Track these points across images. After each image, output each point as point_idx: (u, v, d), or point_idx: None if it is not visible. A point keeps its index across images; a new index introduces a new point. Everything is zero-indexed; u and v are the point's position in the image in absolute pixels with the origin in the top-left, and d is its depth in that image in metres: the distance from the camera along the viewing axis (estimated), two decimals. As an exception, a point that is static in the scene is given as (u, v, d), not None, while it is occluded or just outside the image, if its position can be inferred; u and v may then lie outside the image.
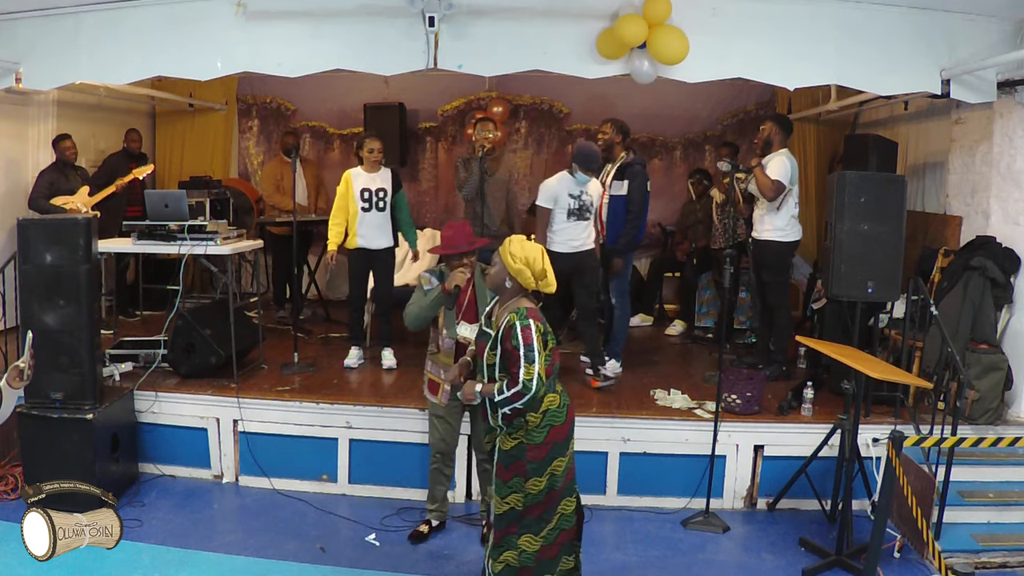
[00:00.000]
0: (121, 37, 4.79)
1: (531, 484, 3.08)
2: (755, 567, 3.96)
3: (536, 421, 3.06)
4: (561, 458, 3.10)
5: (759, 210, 5.29)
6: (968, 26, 4.61)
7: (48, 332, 4.15)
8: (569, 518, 3.19)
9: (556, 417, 3.08)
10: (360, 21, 4.57)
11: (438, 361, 3.84)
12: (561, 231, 5.01)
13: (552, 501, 3.12)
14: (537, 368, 2.94)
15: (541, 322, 3.04)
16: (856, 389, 3.95)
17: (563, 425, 3.10)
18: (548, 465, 3.08)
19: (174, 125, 8.17)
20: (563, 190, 5.03)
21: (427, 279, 3.79)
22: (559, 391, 3.15)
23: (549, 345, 3.06)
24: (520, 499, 3.10)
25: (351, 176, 5.27)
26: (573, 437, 3.22)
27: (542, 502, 3.11)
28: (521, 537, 3.12)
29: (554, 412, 3.08)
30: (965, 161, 5.25)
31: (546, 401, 3.08)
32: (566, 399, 3.17)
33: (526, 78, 6.80)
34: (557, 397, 3.11)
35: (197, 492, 4.62)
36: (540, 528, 3.13)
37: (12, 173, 6.36)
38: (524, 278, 3.08)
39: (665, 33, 4.38)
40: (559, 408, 3.10)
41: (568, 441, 3.15)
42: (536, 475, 3.07)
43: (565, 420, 3.12)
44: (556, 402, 3.10)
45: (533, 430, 3.06)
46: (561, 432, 3.10)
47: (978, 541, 4.04)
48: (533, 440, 3.06)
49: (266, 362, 5.40)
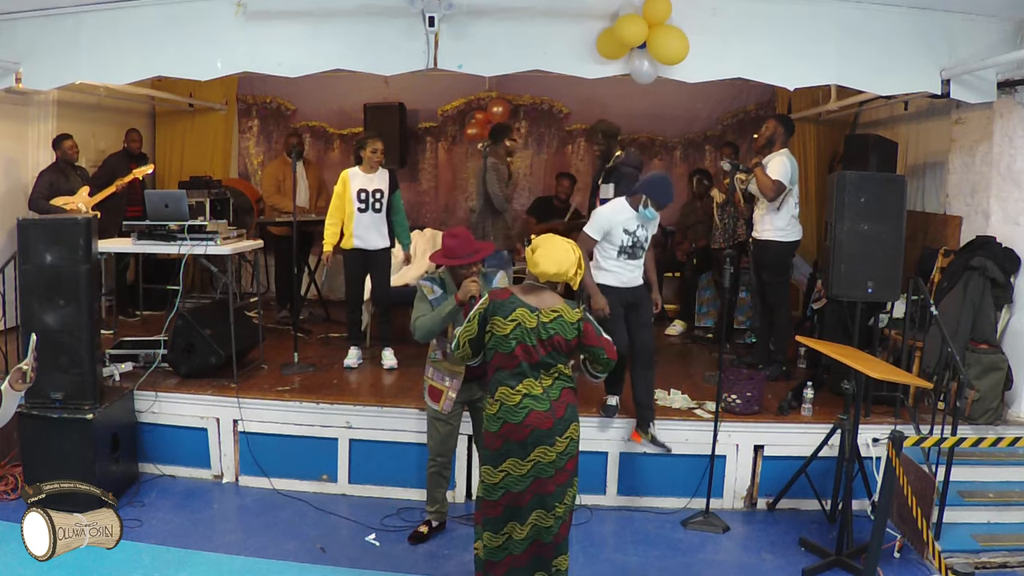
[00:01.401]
0: (121, 37, 4.79)
1: (485, 472, 3.11)
2: (755, 567, 3.97)
3: (492, 409, 3.10)
4: (518, 461, 3.03)
5: (759, 210, 5.29)
6: (968, 26, 4.61)
7: (48, 332, 4.15)
8: (547, 532, 3.09)
9: (511, 415, 3.04)
10: (360, 21, 4.57)
11: (442, 368, 3.82)
12: (609, 269, 4.32)
13: (518, 505, 3.06)
14: (458, 330, 3.21)
15: (501, 300, 3.10)
16: (856, 389, 3.95)
17: (518, 426, 3.02)
18: (502, 460, 3.06)
19: (174, 125, 8.17)
20: (618, 224, 4.26)
21: (429, 288, 3.75)
22: (519, 391, 3.03)
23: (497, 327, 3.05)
24: (480, 487, 3.15)
25: (348, 176, 5.26)
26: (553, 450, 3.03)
27: (497, 501, 3.09)
28: (485, 530, 3.15)
29: (509, 408, 3.05)
30: (965, 161, 5.25)
31: (500, 393, 3.07)
32: (535, 404, 3.02)
33: (526, 78, 6.80)
34: (516, 396, 3.04)
35: (197, 492, 4.62)
36: (499, 528, 3.11)
37: (12, 173, 6.36)
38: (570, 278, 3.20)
39: (665, 33, 4.38)
40: (516, 407, 3.03)
41: (525, 447, 3.02)
42: (490, 463, 3.10)
43: (521, 422, 3.02)
44: (513, 400, 3.04)
45: (490, 417, 3.11)
46: (516, 432, 3.03)
47: (978, 541, 4.04)
48: (490, 427, 3.12)
49: (266, 362, 5.40)
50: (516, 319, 3.04)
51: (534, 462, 3.04)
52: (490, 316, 3.08)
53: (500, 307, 3.07)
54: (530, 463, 3.04)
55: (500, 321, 3.05)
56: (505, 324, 3.04)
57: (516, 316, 3.05)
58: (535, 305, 3.09)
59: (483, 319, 3.10)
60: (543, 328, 3.06)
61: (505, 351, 3.06)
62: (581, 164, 7.95)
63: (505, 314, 3.05)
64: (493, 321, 3.06)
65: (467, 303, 3.59)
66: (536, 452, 3.04)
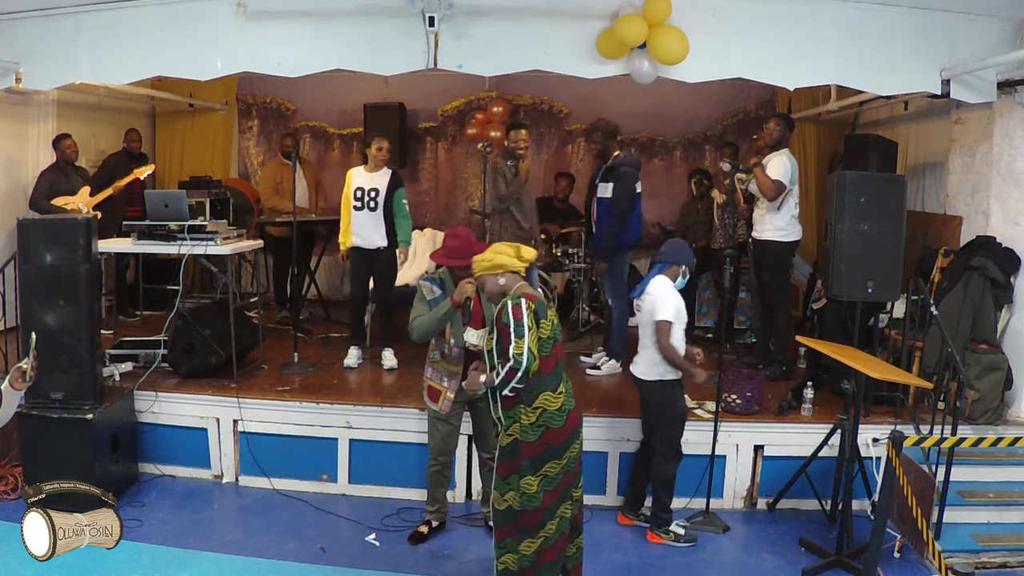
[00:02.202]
0: (121, 37, 4.79)
1: (525, 483, 3.08)
2: (755, 567, 3.96)
3: (531, 419, 3.04)
4: (556, 461, 3.08)
5: (759, 210, 5.28)
6: (968, 26, 4.61)
7: (48, 332, 4.15)
8: (566, 523, 3.19)
9: (554, 420, 3.06)
10: (360, 21, 4.57)
11: (440, 368, 3.83)
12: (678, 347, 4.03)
13: (547, 508, 3.09)
14: (527, 343, 2.94)
15: (536, 303, 3.05)
16: (856, 389, 3.95)
17: (560, 430, 3.08)
18: (541, 465, 3.06)
19: (174, 125, 8.17)
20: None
21: (428, 288, 3.75)
22: (561, 392, 3.11)
23: (544, 325, 3.03)
24: (517, 499, 3.10)
25: (351, 175, 5.31)
26: (578, 440, 3.18)
27: (537, 508, 3.08)
28: (522, 543, 3.12)
29: (551, 414, 3.06)
30: (965, 161, 5.25)
31: (542, 399, 3.05)
32: (569, 403, 3.13)
33: (526, 78, 6.79)
34: (558, 399, 3.07)
35: (197, 492, 4.62)
36: (537, 532, 3.11)
37: (12, 173, 6.36)
38: (510, 264, 3.15)
39: (665, 33, 4.38)
40: (558, 411, 3.07)
41: (566, 448, 3.11)
42: (529, 473, 3.07)
43: (563, 425, 3.08)
44: (555, 404, 3.06)
45: (527, 427, 3.05)
46: (558, 436, 3.08)
47: (978, 541, 4.04)
48: (527, 438, 3.06)
49: (266, 362, 5.40)
50: (551, 318, 3.08)
51: (569, 458, 3.11)
52: (539, 317, 3.03)
53: (541, 307, 3.06)
54: (565, 459, 3.10)
55: (544, 323, 3.04)
56: (547, 325, 3.05)
57: (550, 316, 3.08)
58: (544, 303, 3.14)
59: (536, 320, 3.02)
60: (557, 325, 3.14)
61: (544, 354, 3.04)
62: (581, 164, 7.96)
63: (544, 314, 3.06)
64: (541, 324, 3.02)
65: (463, 305, 3.59)
66: (571, 449, 3.13)
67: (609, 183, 5.22)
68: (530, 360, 2.95)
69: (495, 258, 3.17)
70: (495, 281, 3.19)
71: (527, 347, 2.94)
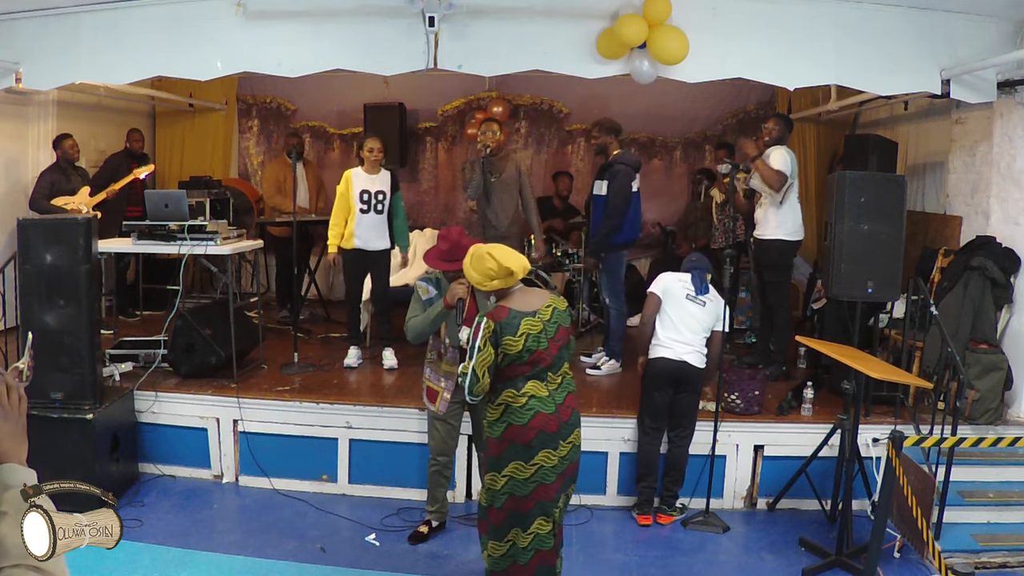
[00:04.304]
0: (121, 37, 4.78)
1: (489, 479, 3.08)
2: (755, 567, 3.96)
3: (494, 414, 3.04)
4: (522, 464, 2.97)
5: (761, 209, 5.28)
6: (968, 26, 4.61)
7: (48, 332, 4.15)
8: (546, 539, 3.06)
9: (516, 416, 2.98)
10: (360, 21, 4.57)
11: (438, 369, 3.83)
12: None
13: (520, 511, 3.00)
14: (473, 363, 2.94)
15: (502, 319, 2.96)
16: (856, 389, 3.95)
17: (523, 428, 2.97)
18: (505, 464, 3.00)
19: (174, 125, 8.17)
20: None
21: (424, 288, 3.75)
22: (527, 392, 2.98)
23: (511, 342, 2.95)
24: (484, 494, 3.10)
25: (351, 176, 5.27)
26: (554, 455, 3.01)
27: (503, 508, 3.02)
28: (489, 541, 3.11)
29: (515, 410, 2.98)
30: (965, 161, 5.25)
31: (505, 395, 2.99)
32: (540, 405, 2.99)
33: (526, 78, 6.80)
34: (522, 398, 2.98)
35: (197, 492, 4.62)
36: (502, 535, 3.04)
37: (12, 173, 6.36)
38: (490, 284, 3.08)
39: (665, 33, 4.38)
40: (522, 408, 2.97)
41: (531, 451, 2.97)
42: (494, 470, 3.04)
43: (526, 424, 2.97)
44: (519, 402, 2.98)
45: (492, 422, 3.05)
46: (521, 435, 2.97)
47: (978, 541, 4.04)
48: (492, 433, 3.06)
49: (266, 362, 5.40)
50: (523, 332, 2.98)
51: (538, 466, 2.98)
52: (500, 338, 2.96)
53: (506, 327, 2.97)
54: (534, 467, 2.98)
55: (511, 340, 2.96)
56: (516, 341, 2.96)
57: (523, 329, 2.98)
58: (532, 309, 3.05)
59: (495, 343, 2.96)
60: (548, 327, 3.05)
61: (518, 363, 3.00)
62: (581, 164, 7.96)
63: (513, 332, 2.97)
64: (504, 342, 2.96)
65: (455, 306, 3.59)
66: (540, 456, 2.98)
67: (604, 180, 5.22)
68: (472, 382, 2.94)
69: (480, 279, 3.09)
70: (483, 296, 3.20)
71: (472, 369, 2.95)
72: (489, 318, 2.98)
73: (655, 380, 4.25)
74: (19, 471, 1.34)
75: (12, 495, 1.26)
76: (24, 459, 1.40)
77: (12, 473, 1.33)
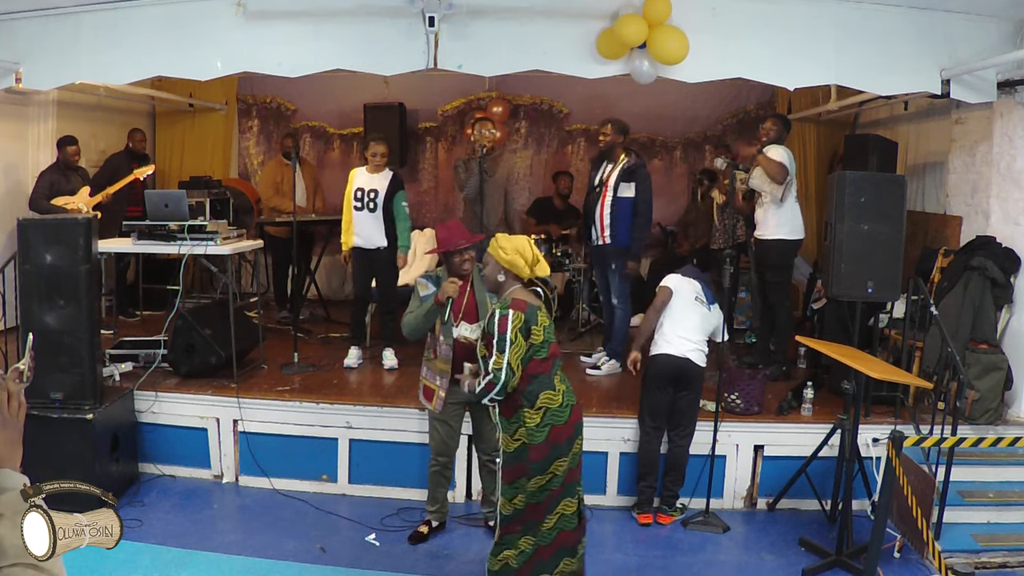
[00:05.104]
0: (121, 37, 4.78)
1: (533, 483, 3.09)
2: (755, 567, 3.96)
3: (535, 420, 3.04)
4: (562, 459, 3.09)
5: (761, 208, 5.28)
6: (968, 26, 4.61)
7: (48, 332, 4.15)
8: (570, 519, 3.16)
9: (557, 417, 3.06)
10: (360, 21, 4.57)
11: (433, 367, 3.84)
12: None
13: (550, 501, 3.10)
14: (507, 357, 2.95)
15: (526, 312, 3.02)
16: (856, 389, 3.95)
17: (564, 426, 3.08)
18: (550, 465, 3.07)
19: (174, 125, 8.17)
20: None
21: (424, 284, 3.80)
22: (560, 390, 3.11)
23: (536, 332, 3.02)
24: (523, 499, 3.10)
25: (353, 175, 5.33)
26: (580, 437, 3.18)
27: (542, 502, 3.10)
28: (523, 537, 3.12)
29: (554, 412, 3.06)
30: (965, 161, 5.25)
31: (543, 398, 3.05)
32: (570, 399, 3.14)
33: (526, 78, 6.80)
34: (558, 396, 3.08)
35: (197, 492, 4.62)
36: (536, 528, 3.12)
37: (12, 174, 6.36)
38: (518, 268, 3.13)
39: (665, 33, 4.38)
40: (560, 408, 3.08)
41: (570, 443, 3.11)
42: (538, 474, 3.08)
43: (567, 421, 3.09)
44: (556, 401, 3.07)
45: (534, 429, 3.04)
46: (562, 433, 3.08)
47: (978, 541, 4.04)
48: (534, 440, 3.05)
49: (266, 362, 5.40)
50: (542, 322, 3.07)
51: (573, 454, 3.12)
52: (529, 328, 3.03)
53: (531, 316, 3.05)
54: (572, 455, 3.11)
55: (536, 330, 3.04)
56: (539, 331, 3.05)
57: (541, 319, 3.07)
58: (537, 303, 3.13)
59: (525, 333, 3.02)
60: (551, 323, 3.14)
61: (541, 357, 3.05)
62: (581, 164, 7.95)
63: (535, 321, 3.05)
64: (532, 332, 3.03)
65: (445, 303, 3.63)
66: (575, 444, 3.13)
67: (631, 183, 5.23)
68: (508, 376, 2.96)
69: (511, 257, 3.14)
70: (496, 271, 3.19)
71: (507, 362, 2.95)
72: (516, 310, 3.01)
73: (657, 377, 4.26)
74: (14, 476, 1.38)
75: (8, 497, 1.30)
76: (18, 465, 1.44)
77: (7, 478, 1.37)
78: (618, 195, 5.26)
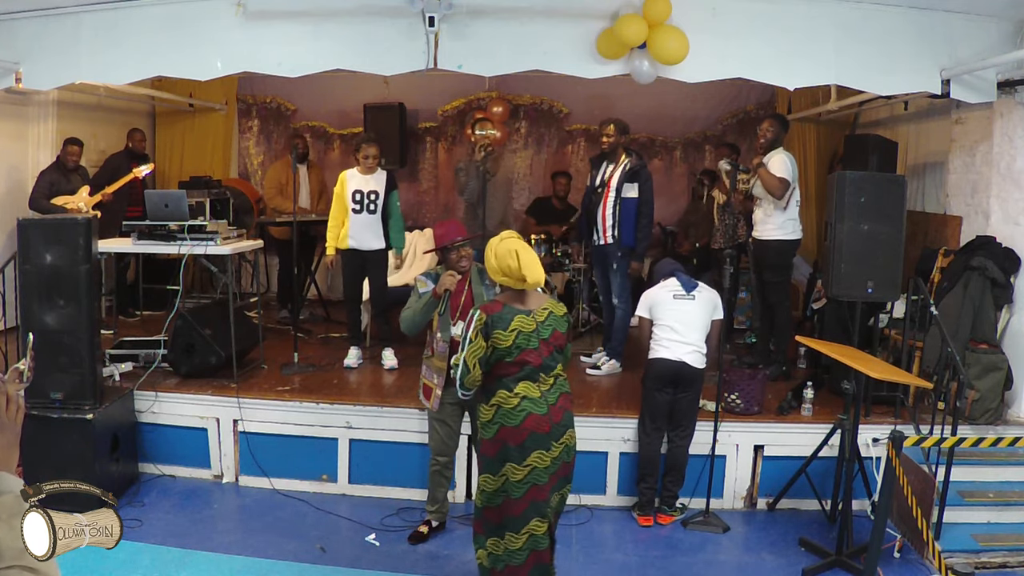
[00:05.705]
0: (121, 37, 4.78)
1: (484, 480, 3.08)
2: (755, 567, 3.96)
3: (487, 415, 3.05)
4: (515, 465, 2.98)
5: (760, 209, 5.28)
6: (968, 26, 4.61)
7: (48, 332, 4.15)
8: (541, 540, 3.05)
9: (508, 418, 2.98)
10: (360, 21, 4.57)
11: (431, 365, 3.84)
12: None
13: (512, 513, 3.00)
14: (463, 355, 2.99)
15: (494, 314, 2.99)
16: (856, 389, 3.95)
17: (515, 429, 2.97)
18: (500, 466, 3.00)
19: (174, 125, 8.16)
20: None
21: (423, 282, 3.81)
22: (519, 394, 2.99)
23: (502, 336, 2.96)
24: (481, 498, 3.10)
25: (346, 177, 5.29)
26: (548, 455, 3.00)
27: (498, 507, 3.03)
28: (488, 538, 3.10)
29: (506, 412, 2.99)
30: (965, 161, 5.25)
31: (498, 396, 3.01)
32: (534, 408, 2.99)
33: (526, 78, 6.79)
34: (514, 399, 2.99)
35: (197, 492, 4.62)
36: (500, 534, 3.04)
37: (12, 173, 6.35)
38: (508, 284, 3.10)
39: (665, 33, 4.38)
40: (514, 410, 2.98)
41: (524, 452, 2.98)
42: (489, 472, 3.05)
43: (518, 425, 2.97)
44: (511, 403, 2.99)
45: (485, 423, 3.06)
46: (513, 436, 2.98)
47: (978, 541, 4.04)
48: (485, 434, 3.07)
49: (266, 362, 5.40)
50: (515, 328, 3.00)
51: (531, 468, 2.99)
52: (491, 331, 2.98)
53: (498, 320, 2.99)
54: (528, 468, 2.99)
55: (501, 334, 2.98)
56: (506, 336, 2.98)
57: (515, 325, 3.00)
58: (528, 308, 3.07)
59: (486, 334, 2.99)
60: (542, 328, 3.05)
61: (508, 361, 3.01)
62: (581, 164, 7.94)
63: (504, 326, 2.99)
64: (494, 336, 2.98)
65: (442, 296, 3.67)
66: (533, 457, 2.99)
67: (635, 183, 5.25)
68: (463, 373, 3.00)
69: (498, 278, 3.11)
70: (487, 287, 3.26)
71: (463, 359, 3.00)
72: (483, 311, 3.03)
73: (655, 380, 4.27)
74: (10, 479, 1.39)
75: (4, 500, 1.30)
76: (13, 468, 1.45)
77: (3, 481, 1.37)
78: (622, 195, 5.26)
